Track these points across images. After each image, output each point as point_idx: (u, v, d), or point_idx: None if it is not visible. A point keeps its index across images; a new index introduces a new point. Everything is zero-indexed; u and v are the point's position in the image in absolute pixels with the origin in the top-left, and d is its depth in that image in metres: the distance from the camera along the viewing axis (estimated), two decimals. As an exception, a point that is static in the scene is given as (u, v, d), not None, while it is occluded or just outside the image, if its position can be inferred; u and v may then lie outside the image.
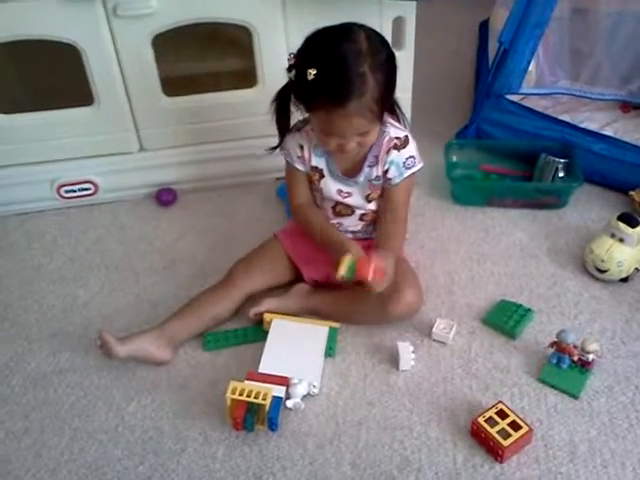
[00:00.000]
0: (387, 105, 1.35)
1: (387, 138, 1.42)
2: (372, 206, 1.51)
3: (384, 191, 1.49)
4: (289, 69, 1.33)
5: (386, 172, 1.45)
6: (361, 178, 1.47)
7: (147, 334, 1.41)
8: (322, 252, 1.51)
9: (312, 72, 1.25)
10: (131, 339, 1.39)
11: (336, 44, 1.27)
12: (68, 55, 1.63)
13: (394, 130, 1.44)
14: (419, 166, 1.47)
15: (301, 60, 1.30)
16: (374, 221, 1.55)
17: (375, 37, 1.30)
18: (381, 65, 1.27)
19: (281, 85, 1.40)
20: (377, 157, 1.44)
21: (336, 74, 1.25)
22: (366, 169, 1.46)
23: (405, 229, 1.53)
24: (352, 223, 1.55)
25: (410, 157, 1.45)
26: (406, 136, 1.45)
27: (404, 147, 1.44)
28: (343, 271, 1.32)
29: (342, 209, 1.53)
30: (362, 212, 1.53)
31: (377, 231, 1.53)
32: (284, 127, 1.45)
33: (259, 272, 1.53)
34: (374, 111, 1.29)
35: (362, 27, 1.30)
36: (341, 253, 1.35)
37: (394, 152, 1.43)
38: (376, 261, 1.32)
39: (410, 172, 1.46)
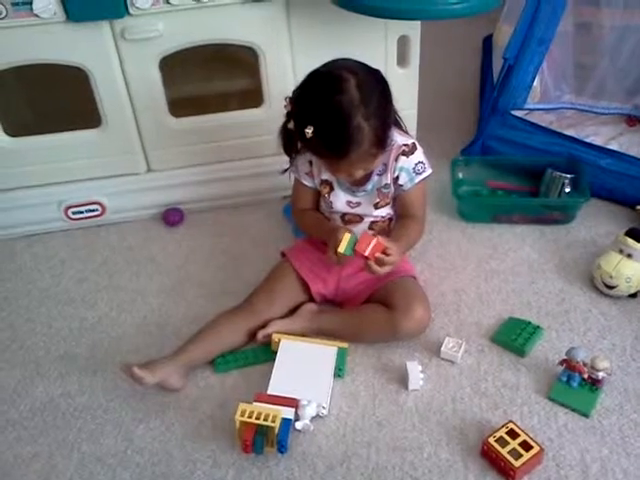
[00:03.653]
0: (385, 140, 1.36)
1: (395, 146, 1.44)
2: (380, 212, 1.53)
3: (398, 199, 1.51)
4: (287, 116, 1.36)
5: (397, 179, 1.47)
6: (369, 186, 1.49)
7: (170, 364, 1.39)
8: (329, 268, 1.53)
9: (309, 131, 1.28)
10: (156, 367, 1.37)
11: (328, 98, 1.28)
12: (76, 78, 1.65)
13: (401, 138, 1.46)
14: (429, 172, 1.49)
15: (297, 111, 1.33)
16: (384, 231, 1.55)
17: (366, 79, 1.30)
18: (375, 110, 1.29)
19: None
20: (386, 165, 1.46)
21: (332, 132, 1.29)
22: (375, 177, 1.48)
23: (422, 229, 1.55)
24: (361, 231, 1.54)
25: (419, 162, 1.47)
26: (413, 143, 1.47)
27: (412, 153, 1.46)
28: (342, 248, 1.35)
29: (351, 217, 1.55)
30: (371, 220, 1.54)
31: (393, 229, 1.55)
32: (292, 154, 1.49)
33: (279, 302, 1.53)
34: (374, 153, 1.34)
35: (352, 71, 1.30)
36: (339, 234, 1.38)
37: (403, 158, 1.45)
38: (378, 240, 1.35)
39: (421, 177, 1.48)
